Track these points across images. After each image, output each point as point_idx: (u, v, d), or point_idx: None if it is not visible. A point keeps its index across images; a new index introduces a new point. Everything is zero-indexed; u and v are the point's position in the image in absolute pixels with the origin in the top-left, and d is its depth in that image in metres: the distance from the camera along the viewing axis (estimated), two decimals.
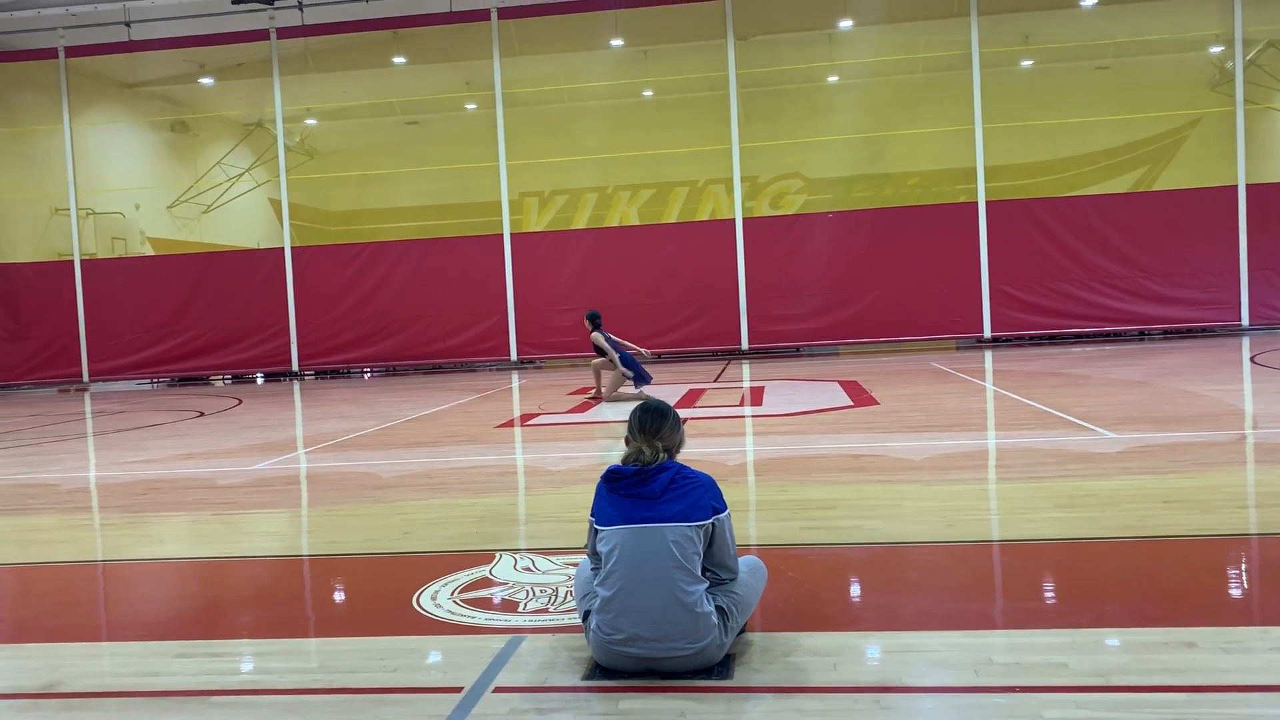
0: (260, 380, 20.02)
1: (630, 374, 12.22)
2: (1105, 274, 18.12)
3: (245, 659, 3.70)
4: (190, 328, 19.96)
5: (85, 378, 20.17)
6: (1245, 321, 17.90)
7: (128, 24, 19.67)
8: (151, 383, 20.34)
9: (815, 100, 20.61)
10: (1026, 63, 19.76)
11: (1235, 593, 4.08)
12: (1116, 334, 18.51)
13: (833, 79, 20.29)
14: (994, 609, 3.90)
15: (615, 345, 12.33)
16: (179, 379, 20.24)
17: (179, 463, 8.79)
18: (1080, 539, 4.80)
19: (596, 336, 12.32)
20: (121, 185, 21.04)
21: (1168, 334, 18.40)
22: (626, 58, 20.24)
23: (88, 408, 15.71)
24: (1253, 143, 18.23)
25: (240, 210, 22.06)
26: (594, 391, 12.75)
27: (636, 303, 18.50)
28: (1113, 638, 3.45)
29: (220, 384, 19.86)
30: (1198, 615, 3.64)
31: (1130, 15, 18.77)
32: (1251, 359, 13.68)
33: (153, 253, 21.28)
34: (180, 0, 19.02)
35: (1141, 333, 18.53)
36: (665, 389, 13.11)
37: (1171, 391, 10.42)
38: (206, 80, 21.17)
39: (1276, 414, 8.68)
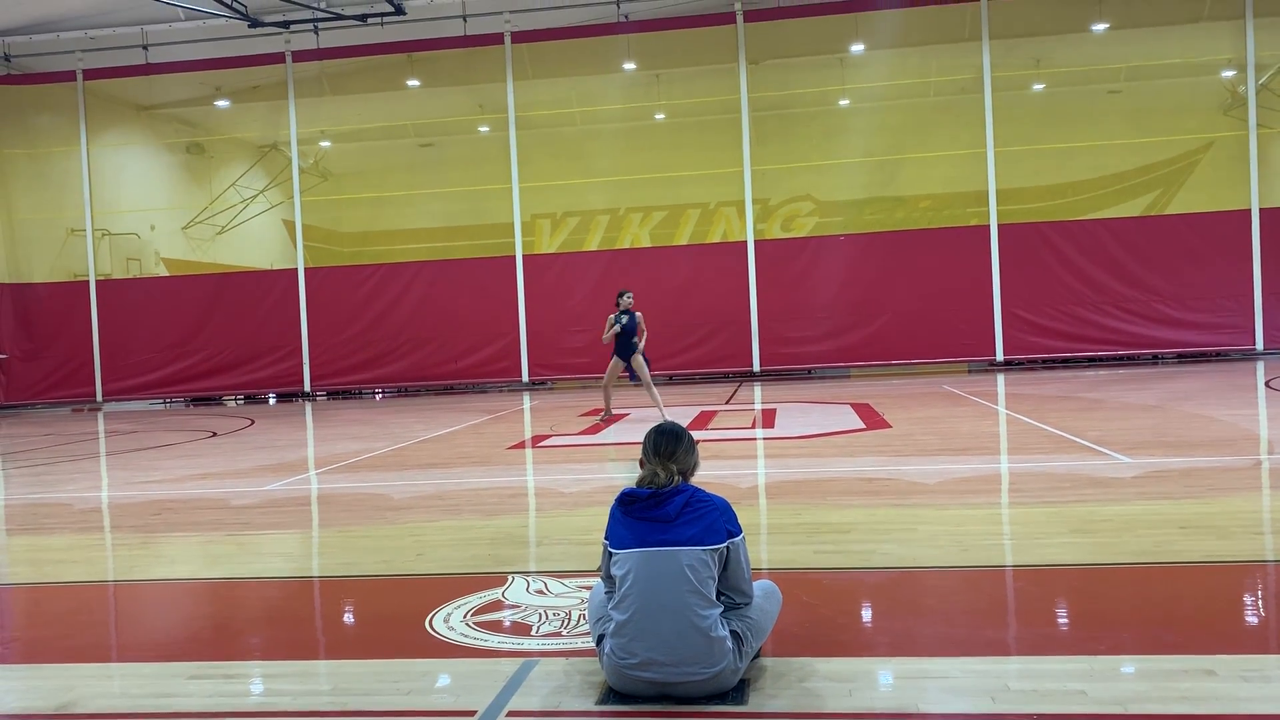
0: (272, 401, 20.08)
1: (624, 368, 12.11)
2: (1118, 297, 18.07)
3: (258, 680, 3.70)
4: (203, 348, 20.07)
5: (99, 397, 20.27)
6: (1260, 346, 17.82)
7: (145, 47, 19.89)
8: (165, 403, 20.42)
9: (827, 123, 20.69)
10: (1038, 86, 19.80)
11: (1254, 620, 4.04)
12: (1129, 358, 18.44)
13: (844, 102, 20.37)
14: (1010, 635, 3.87)
15: (627, 329, 12.04)
16: (192, 399, 20.32)
17: (192, 483, 8.81)
18: (1096, 565, 4.76)
19: (611, 319, 12.09)
20: (137, 206, 21.22)
21: (1181, 358, 18.32)
22: (639, 81, 20.36)
23: (101, 427, 15.78)
24: (1265, 166, 18.20)
25: (254, 231, 22.21)
26: (604, 414, 12.72)
27: (648, 325, 18.45)
28: (1130, 665, 3.41)
29: (233, 404, 19.93)
30: (1217, 642, 3.60)
31: (1142, 39, 18.81)
32: (1266, 383, 13.60)
33: (167, 273, 21.43)
34: (197, 24, 19.23)
35: (1155, 356, 18.46)
36: (677, 411, 13.10)
37: (1186, 416, 10.36)
38: (222, 103, 21.37)
39: None
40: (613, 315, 12.13)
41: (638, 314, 12.28)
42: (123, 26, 19.49)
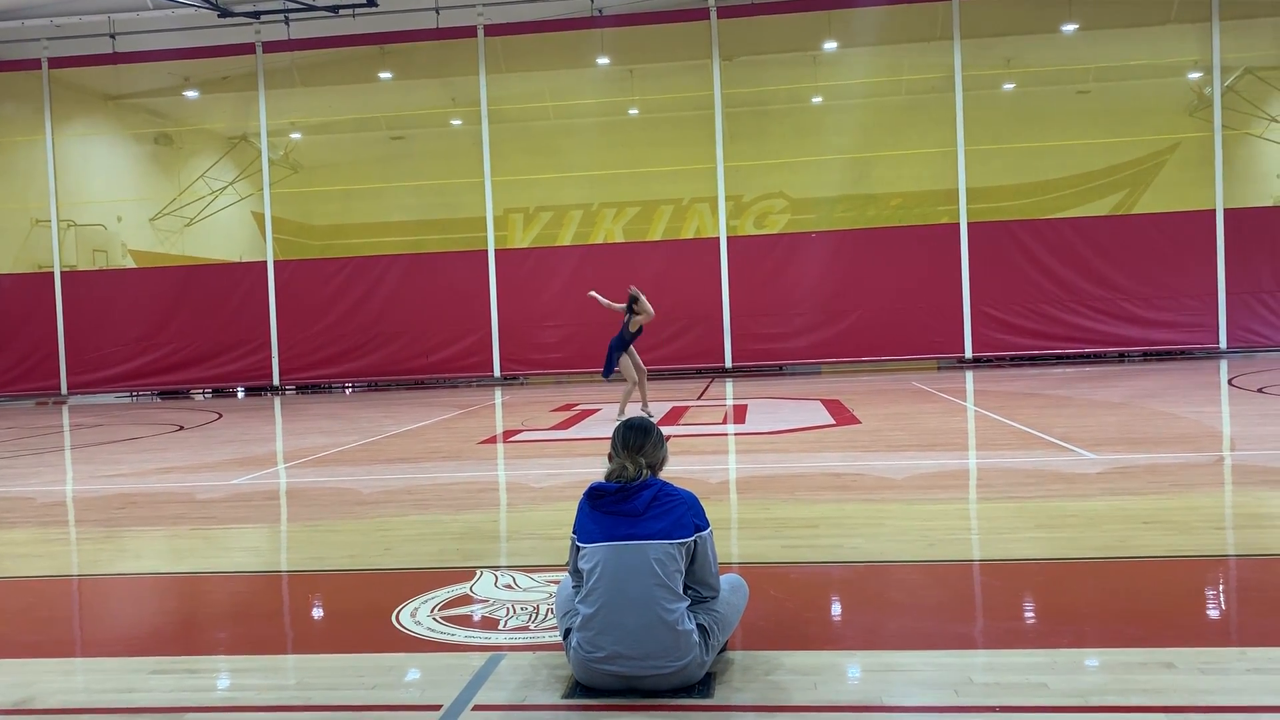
0: (241, 394, 19.91)
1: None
2: (1085, 296, 18.26)
3: (222, 675, 3.67)
4: (171, 341, 19.85)
5: (64, 390, 20.01)
6: (1223, 344, 18.06)
7: (112, 36, 19.63)
8: (132, 396, 20.19)
9: (799, 121, 20.76)
10: (1009, 86, 19.96)
11: (1213, 613, 4.10)
12: (1097, 355, 18.64)
13: (817, 100, 20.45)
14: (975, 629, 3.90)
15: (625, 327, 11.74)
16: (159, 393, 20.10)
17: (157, 477, 8.72)
18: (1061, 559, 4.81)
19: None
20: (104, 197, 20.94)
21: (1147, 356, 18.55)
22: (612, 76, 20.33)
23: (65, 421, 15.57)
24: (1230, 168, 18.45)
25: (223, 224, 21.97)
26: (643, 405, 12.20)
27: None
28: (1092, 658, 3.46)
29: (200, 398, 19.74)
30: (1176, 636, 3.65)
31: (1111, 41, 19.01)
32: (1229, 381, 13.80)
33: (134, 265, 21.16)
34: (166, 13, 18.99)
35: (1121, 355, 18.67)
36: (649, 406, 13.08)
37: (1151, 413, 10.49)
38: (191, 93, 21.13)
39: (1254, 436, 8.76)
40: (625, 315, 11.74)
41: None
42: (89, 15, 19.22)
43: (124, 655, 3.87)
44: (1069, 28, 18.72)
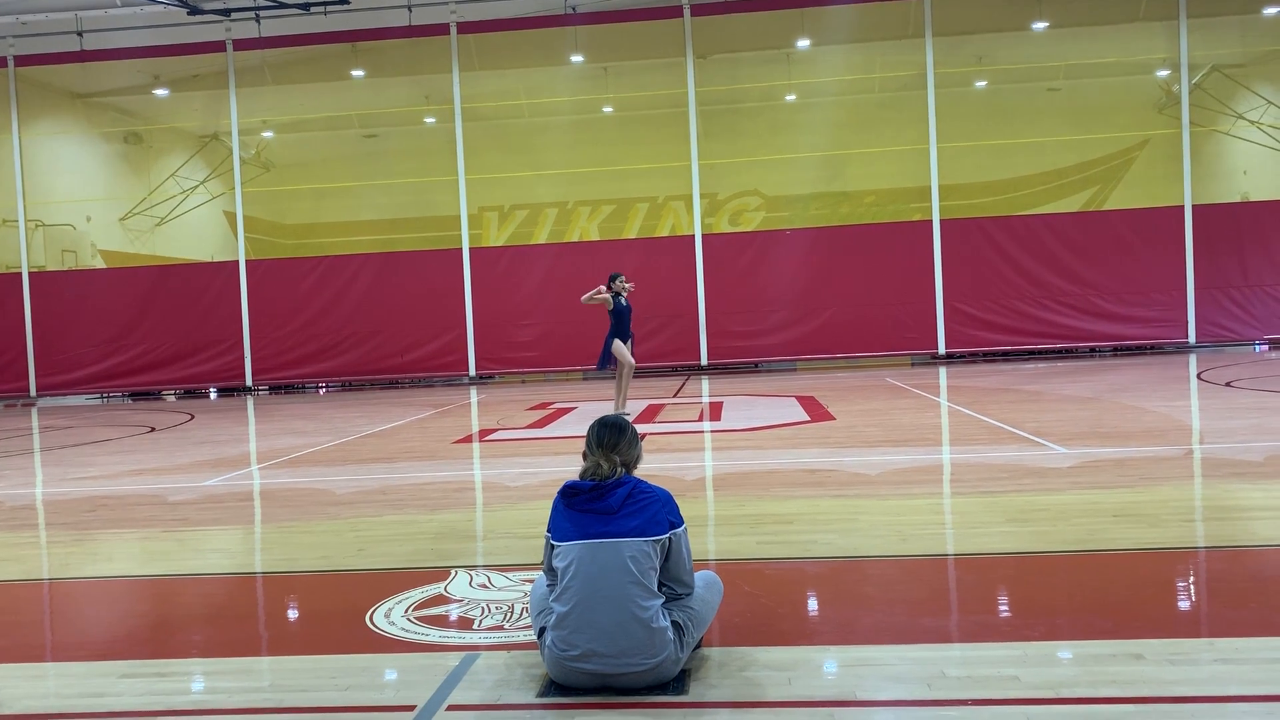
0: (213, 395, 19.74)
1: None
2: (1057, 292, 18.42)
3: (194, 679, 3.64)
4: (142, 342, 19.64)
5: (33, 392, 19.76)
6: (1192, 339, 18.27)
7: (80, 33, 19.39)
8: (102, 398, 19.97)
9: (774, 119, 20.81)
10: (980, 84, 20.10)
11: (1182, 605, 4.15)
12: (1068, 351, 18.82)
13: (791, 98, 20.50)
14: (948, 623, 3.93)
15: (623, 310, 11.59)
16: (130, 394, 19.90)
17: (128, 479, 8.63)
18: (1032, 553, 4.86)
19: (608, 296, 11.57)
20: (72, 197, 20.70)
21: (1118, 351, 18.73)
22: (587, 74, 20.31)
23: (34, 423, 15.39)
24: (1198, 165, 18.66)
25: (194, 223, 21.77)
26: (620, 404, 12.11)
27: (597, 318, 18.45)
28: (1063, 650, 3.49)
29: (172, 399, 19.55)
30: (1146, 628, 3.69)
31: (1080, 38, 19.18)
32: (1198, 375, 13.96)
33: (104, 265, 20.93)
34: (134, 10, 18.78)
35: (1092, 349, 18.85)
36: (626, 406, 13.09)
37: (1121, 407, 10.60)
38: (161, 91, 20.91)
39: (1222, 429, 8.87)
40: (607, 294, 11.58)
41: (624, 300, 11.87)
42: (56, 12, 18.96)
43: (93, 659, 3.83)
44: (1039, 25, 18.87)
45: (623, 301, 11.76)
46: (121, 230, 21.31)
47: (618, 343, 11.65)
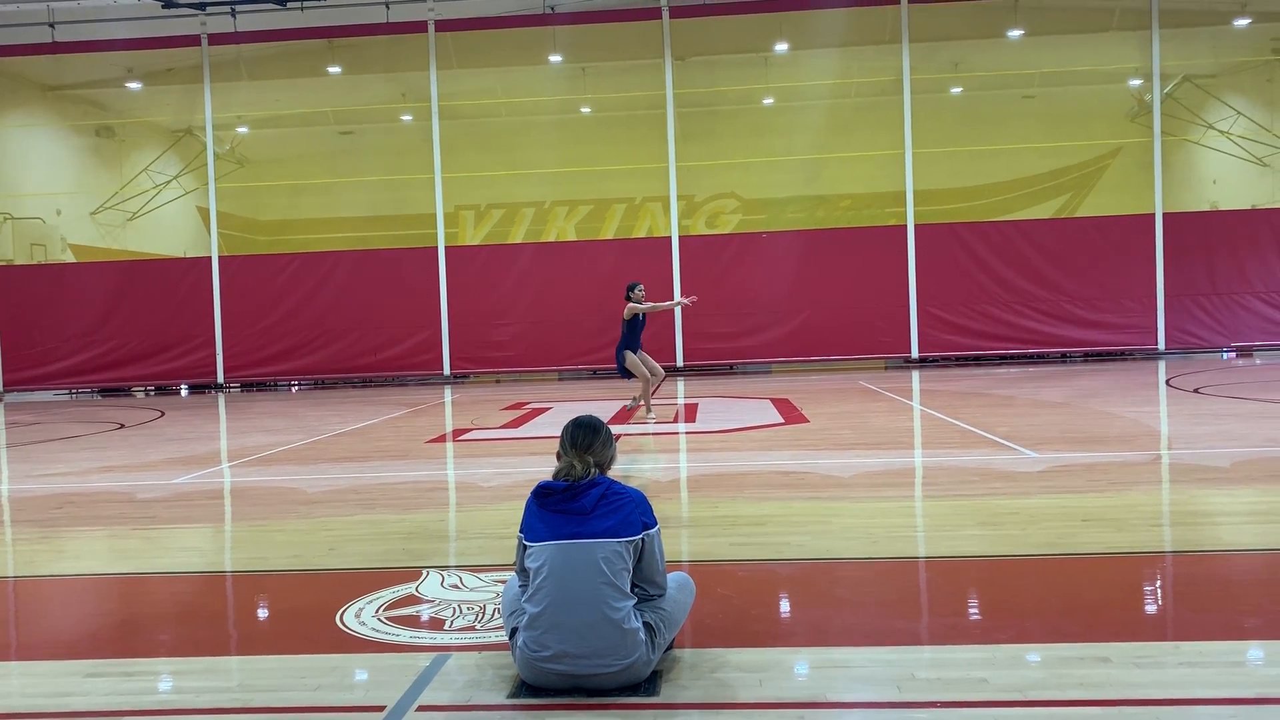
0: (184, 392, 19.56)
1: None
2: (1029, 297, 18.58)
3: (162, 678, 3.60)
4: (112, 337, 19.44)
5: (0, 387, 19.50)
6: (1162, 346, 18.49)
7: (51, 25, 19.17)
8: (71, 394, 19.74)
9: (751, 122, 20.88)
10: (956, 90, 20.24)
11: (1149, 609, 4.19)
12: (1040, 356, 18.98)
13: (768, 101, 20.58)
14: (918, 625, 3.95)
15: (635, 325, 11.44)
16: (100, 390, 19.68)
17: (97, 476, 8.54)
18: (1002, 556, 4.89)
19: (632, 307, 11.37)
20: (42, 190, 20.45)
21: (1089, 357, 18.92)
22: (565, 74, 20.29)
23: (1, 419, 15.19)
24: (1169, 173, 18.89)
25: (167, 218, 21.56)
26: (633, 403, 12.14)
27: (573, 318, 18.51)
28: (1032, 653, 3.52)
29: (142, 396, 19.35)
30: (1113, 631, 3.73)
31: (1055, 47, 19.37)
32: (1167, 382, 14.13)
33: (74, 260, 20.69)
34: (108, 2, 18.58)
35: (1064, 355, 19.03)
36: (599, 405, 13.10)
37: (1091, 413, 10.70)
38: (134, 85, 20.71)
39: (1190, 435, 8.97)
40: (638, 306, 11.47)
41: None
42: (27, 3, 18.72)
43: (59, 658, 3.79)
44: (1015, 33, 19.04)
45: (633, 318, 11.64)
46: (93, 224, 21.07)
47: (629, 354, 11.58)
